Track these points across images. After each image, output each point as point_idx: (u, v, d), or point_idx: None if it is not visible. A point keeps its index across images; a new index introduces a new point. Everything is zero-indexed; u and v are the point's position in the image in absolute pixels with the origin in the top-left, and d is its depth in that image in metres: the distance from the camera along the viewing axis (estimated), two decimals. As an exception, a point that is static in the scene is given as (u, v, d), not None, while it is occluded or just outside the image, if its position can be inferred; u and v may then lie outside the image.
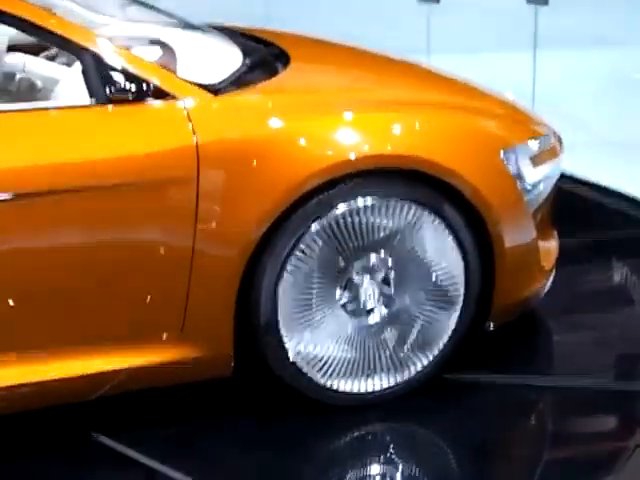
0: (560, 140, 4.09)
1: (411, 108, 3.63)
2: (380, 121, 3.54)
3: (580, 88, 6.62)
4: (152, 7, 4.34)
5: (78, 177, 3.21)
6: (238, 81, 3.60)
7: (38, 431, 3.50)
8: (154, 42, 4.17)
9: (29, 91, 3.92)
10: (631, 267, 4.78)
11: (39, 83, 3.91)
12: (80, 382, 3.37)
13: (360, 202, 3.44)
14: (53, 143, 3.25)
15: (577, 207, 5.31)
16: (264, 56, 4.01)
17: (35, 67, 4.05)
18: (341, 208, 3.42)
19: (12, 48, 4.08)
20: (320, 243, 3.44)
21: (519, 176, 3.69)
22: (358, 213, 3.45)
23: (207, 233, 3.33)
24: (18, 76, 3.95)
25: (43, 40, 3.38)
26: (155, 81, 3.34)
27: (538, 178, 3.79)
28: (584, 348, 4.10)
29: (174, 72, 3.59)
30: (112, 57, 3.32)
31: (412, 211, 3.51)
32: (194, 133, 3.30)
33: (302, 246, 3.42)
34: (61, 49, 3.43)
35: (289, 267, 3.42)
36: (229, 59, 3.80)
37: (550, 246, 4.07)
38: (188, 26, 4.21)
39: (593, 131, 6.22)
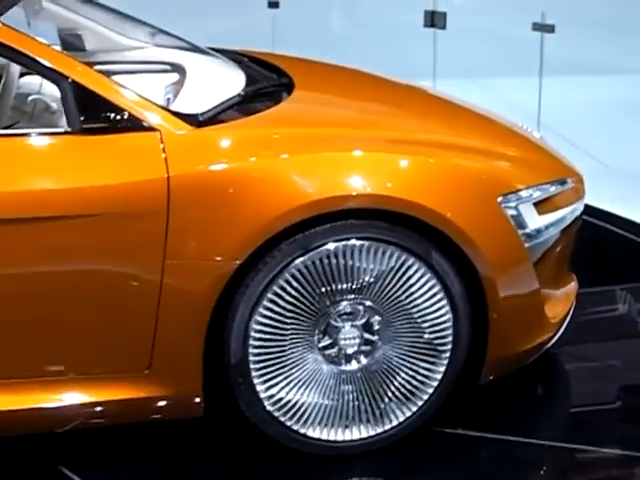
0: (582, 182, 3.88)
1: (403, 147, 3.46)
2: (364, 160, 3.39)
3: (586, 114, 6.41)
4: (162, 30, 4.30)
5: (45, 205, 3.15)
6: (226, 111, 3.51)
7: (6, 462, 3.45)
8: (162, 66, 4.17)
9: (43, 113, 3.89)
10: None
11: (54, 105, 3.87)
12: (47, 413, 3.30)
13: (339, 243, 3.30)
14: (23, 170, 3.20)
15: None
16: (268, 84, 3.91)
17: (51, 89, 4.02)
18: (318, 249, 3.28)
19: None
20: (295, 284, 3.30)
21: (519, 222, 3.50)
22: (337, 255, 3.31)
23: (176, 268, 3.22)
24: (33, 97, 3.92)
25: (23, 66, 3.33)
26: (132, 111, 3.27)
27: (544, 224, 3.59)
28: (591, 412, 3.87)
29: (166, 100, 3.53)
30: (90, 86, 3.26)
31: (396, 255, 3.35)
32: (166, 165, 3.21)
33: (276, 286, 3.29)
34: (40, 75, 3.37)
35: (262, 306, 3.29)
36: (226, 87, 3.71)
37: (562, 294, 3.85)
38: (196, 50, 4.15)
39: (598, 158, 6.04)
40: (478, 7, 6.57)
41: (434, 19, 6.42)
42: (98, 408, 3.32)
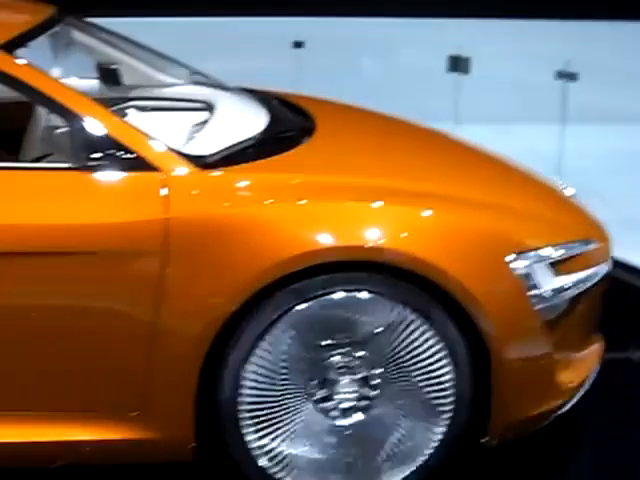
0: (609, 244, 3.75)
1: (410, 199, 3.39)
2: (365, 212, 3.32)
3: (607, 163, 6.24)
4: (194, 69, 4.31)
5: (42, 240, 3.15)
6: (238, 154, 3.48)
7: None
8: (193, 104, 4.17)
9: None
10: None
11: None
12: (41, 448, 3.29)
13: (336, 296, 3.24)
14: (26, 204, 3.21)
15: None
16: (289, 127, 3.88)
17: None
18: (315, 300, 3.22)
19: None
20: (291, 334, 3.25)
21: (531, 283, 3.38)
22: (335, 307, 3.25)
23: (170, 309, 3.19)
24: (61, 130, 3.95)
25: (35, 101, 3.35)
26: (138, 150, 3.26)
27: (561, 285, 3.47)
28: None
29: (189, 139, 3.52)
30: (98, 124, 3.27)
31: (396, 310, 3.27)
32: (167, 206, 3.19)
33: (270, 336, 3.24)
34: (49, 110, 3.39)
35: (254, 356, 3.24)
36: (245, 128, 3.69)
37: (582, 358, 3.70)
38: (227, 90, 4.14)
39: (618, 208, 5.86)
40: (502, 54, 6.50)
41: (458, 64, 6.40)
42: (88, 447, 3.30)
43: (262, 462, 3.33)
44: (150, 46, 4.30)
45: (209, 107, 4.05)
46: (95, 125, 3.26)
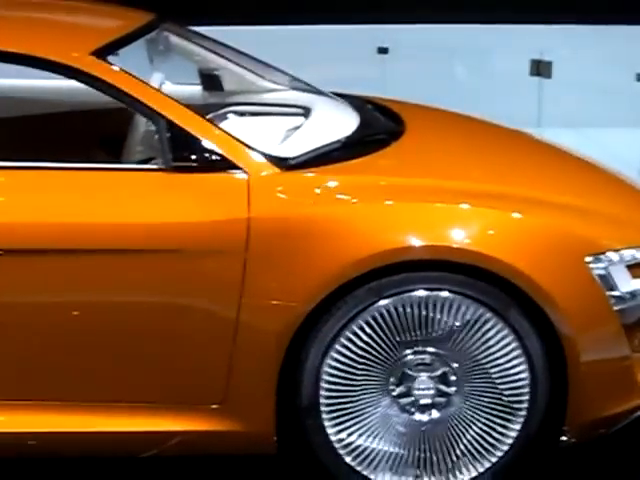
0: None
1: (491, 202, 3.43)
2: (447, 213, 3.39)
3: None
4: (290, 74, 4.41)
5: (131, 239, 3.29)
6: (324, 156, 3.57)
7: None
8: (291, 109, 4.27)
9: None
10: None
11: None
12: (126, 438, 3.43)
13: (415, 294, 3.31)
14: (112, 203, 3.34)
15: None
16: (378, 131, 3.96)
17: None
18: (394, 298, 3.31)
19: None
20: (369, 330, 3.33)
21: (609, 284, 3.41)
22: (412, 305, 3.32)
23: (251, 306, 3.31)
24: None
25: (123, 102, 3.48)
26: (222, 152, 3.38)
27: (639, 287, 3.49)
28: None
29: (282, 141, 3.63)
30: (183, 125, 3.38)
31: (472, 310, 3.33)
32: (249, 207, 3.30)
33: (348, 332, 3.33)
34: (138, 112, 3.51)
35: (334, 351, 3.34)
36: (334, 131, 3.77)
37: None
38: (322, 94, 4.24)
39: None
40: (583, 57, 6.49)
41: (540, 68, 6.41)
42: (174, 438, 3.43)
43: (342, 455, 3.42)
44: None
45: (306, 111, 4.15)
46: (181, 126, 3.38)
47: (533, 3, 6.49)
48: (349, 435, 3.41)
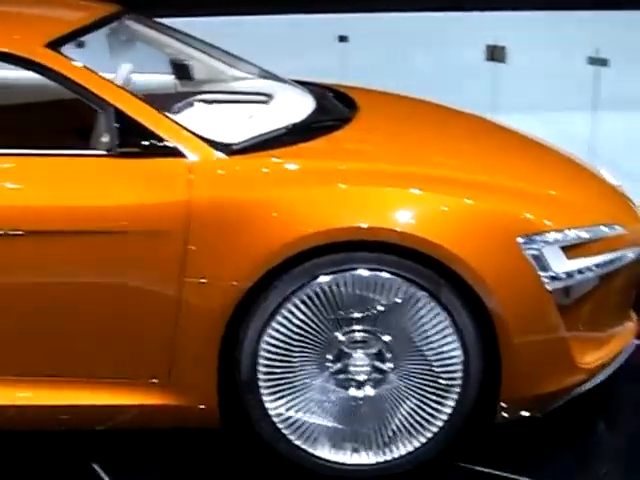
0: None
1: (422, 184, 3.55)
2: (379, 195, 3.50)
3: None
4: (251, 63, 4.56)
5: (75, 221, 3.44)
6: (266, 142, 3.70)
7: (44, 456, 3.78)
8: (254, 97, 4.43)
9: None
10: None
11: None
12: (76, 412, 3.59)
13: (347, 274, 3.44)
14: (63, 187, 3.50)
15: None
16: (329, 116, 4.10)
17: None
18: (327, 277, 3.44)
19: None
20: (304, 309, 3.46)
21: (541, 264, 3.51)
22: (345, 285, 3.45)
23: (192, 285, 3.45)
24: None
25: (74, 92, 3.63)
26: (166, 138, 3.53)
27: (576, 268, 3.57)
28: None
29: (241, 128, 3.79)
30: (129, 112, 3.53)
31: (404, 288, 3.45)
32: (190, 190, 3.44)
33: (284, 310, 3.46)
34: (88, 101, 3.65)
35: (271, 328, 3.47)
36: (282, 118, 3.92)
37: (606, 338, 3.80)
38: (281, 82, 4.39)
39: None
40: (536, 42, 6.61)
41: (494, 53, 6.56)
42: (124, 411, 3.59)
43: (281, 429, 3.55)
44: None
45: (268, 98, 4.30)
46: (126, 114, 3.53)
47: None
48: (287, 410, 3.54)
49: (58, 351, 3.54)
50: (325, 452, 3.57)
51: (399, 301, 3.46)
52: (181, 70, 4.65)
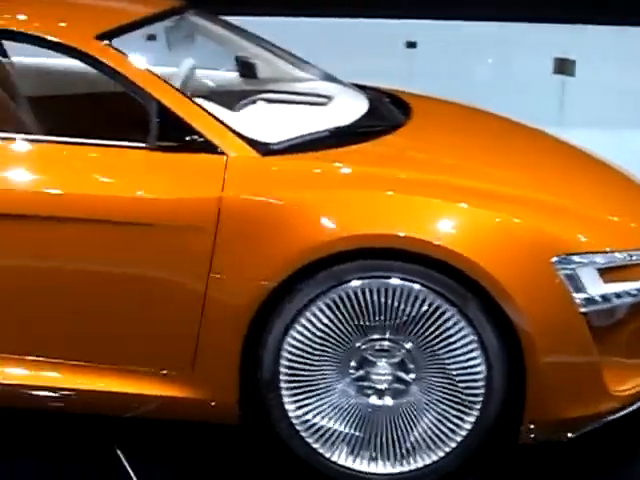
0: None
1: (462, 198, 3.50)
2: (413, 205, 3.46)
3: None
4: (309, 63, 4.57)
5: (109, 210, 3.49)
6: (305, 144, 3.70)
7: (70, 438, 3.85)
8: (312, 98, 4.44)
9: None
10: None
11: None
12: (102, 397, 3.64)
13: (375, 282, 3.41)
14: (102, 177, 3.56)
15: None
16: (378, 121, 4.07)
17: None
18: (357, 282, 3.41)
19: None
20: (329, 313, 3.45)
21: (576, 285, 3.43)
22: (372, 292, 3.42)
23: (219, 281, 3.47)
24: None
25: (119, 83, 3.68)
26: (205, 134, 3.55)
27: (613, 292, 3.48)
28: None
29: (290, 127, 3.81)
30: (170, 106, 3.57)
31: (432, 300, 3.41)
32: (223, 187, 3.46)
33: (308, 312, 3.45)
34: (132, 93, 3.68)
35: (294, 329, 3.47)
36: (327, 121, 3.91)
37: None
38: (342, 85, 4.39)
39: None
40: (606, 56, 6.41)
41: (563, 67, 6.41)
42: (148, 401, 3.62)
43: (300, 432, 3.54)
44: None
45: (328, 101, 4.31)
46: (167, 108, 3.57)
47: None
48: (307, 413, 3.53)
49: (88, 337, 3.60)
50: (342, 458, 3.56)
51: (426, 313, 3.42)
52: (246, 68, 4.69)
